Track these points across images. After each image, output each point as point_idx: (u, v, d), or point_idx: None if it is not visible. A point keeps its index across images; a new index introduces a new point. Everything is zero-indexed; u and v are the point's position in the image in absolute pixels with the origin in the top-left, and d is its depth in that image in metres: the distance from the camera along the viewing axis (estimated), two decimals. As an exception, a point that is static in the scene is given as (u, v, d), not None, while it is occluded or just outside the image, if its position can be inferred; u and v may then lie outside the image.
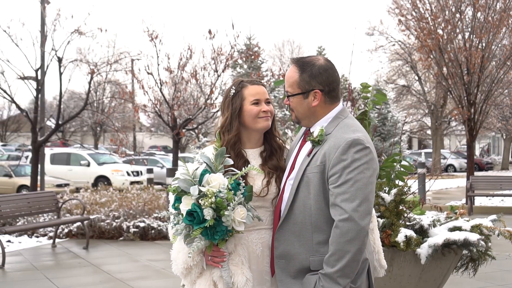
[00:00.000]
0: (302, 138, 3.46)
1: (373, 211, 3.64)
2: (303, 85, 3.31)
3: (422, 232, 5.55)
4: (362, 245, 3.05)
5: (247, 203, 3.26)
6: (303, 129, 3.53)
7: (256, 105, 3.47)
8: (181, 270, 3.38)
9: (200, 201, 3.14)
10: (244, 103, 3.50)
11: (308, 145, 3.33)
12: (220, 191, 3.15)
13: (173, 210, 3.30)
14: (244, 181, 3.33)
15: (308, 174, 3.23)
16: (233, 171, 3.31)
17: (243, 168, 3.31)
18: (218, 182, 3.19)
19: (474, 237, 5.36)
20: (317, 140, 3.26)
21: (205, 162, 3.29)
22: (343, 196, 3.06)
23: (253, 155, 3.53)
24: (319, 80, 3.30)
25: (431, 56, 21.87)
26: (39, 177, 17.07)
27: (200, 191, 3.17)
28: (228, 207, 3.14)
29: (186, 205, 3.19)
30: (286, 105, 3.47)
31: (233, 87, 3.56)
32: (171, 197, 3.37)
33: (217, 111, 19.61)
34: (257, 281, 3.38)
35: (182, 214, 3.21)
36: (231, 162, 3.32)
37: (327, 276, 3.06)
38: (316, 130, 3.29)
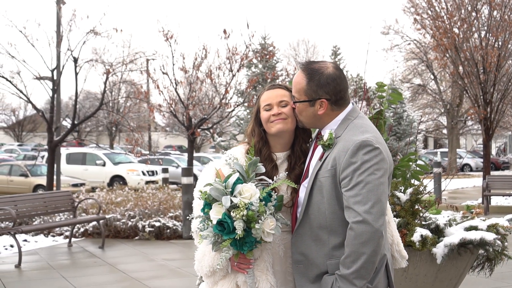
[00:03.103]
0: (315, 141, 3.45)
1: (387, 204, 3.63)
2: (310, 93, 3.29)
3: (438, 232, 5.53)
4: (377, 246, 3.04)
5: (276, 213, 3.26)
6: (317, 130, 3.51)
7: (268, 110, 3.47)
8: (205, 272, 3.40)
9: (231, 213, 3.14)
10: (260, 110, 3.53)
11: (320, 149, 3.32)
12: (252, 204, 3.14)
13: (202, 213, 3.30)
14: (274, 192, 3.34)
15: (320, 178, 3.22)
16: (265, 180, 3.31)
17: (275, 177, 3.33)
18: (250, 193, 3.19)
19: (490, 236, 5.34)
20: (327, 144, 3.24)
21: (237, 171, 3.29)
22: (355, 199, 3.06)
23: (281, 159, 3.53)
24: (326, 89, 3.27)
25: (447, 55, 21.76)
26: (55, 177, 17.16)
27: (231, 201, 3.17)
28: (259, 220, 3.15)
29: (216, 213, 3.20)
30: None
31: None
32: (198, 202, 3.38)
33: (232, 110, 19.64)
34: (280, 281, 3.40)
35: (212, 221, 3.21)
36: (263, 170, 3.32)
37: (343, 277, 3.06)
38: (325, 134, 3.28)
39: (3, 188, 25.25)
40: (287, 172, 3.43)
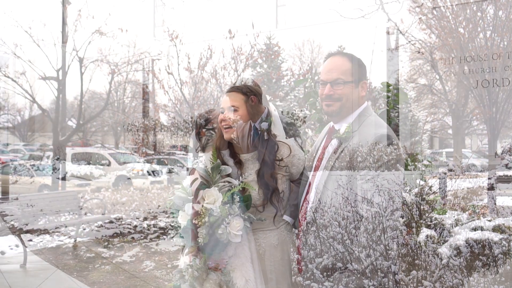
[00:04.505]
0: (326, 137, 3.43)
1: None
2: (355, 75, 3.29)
3: (444, 232, 5.51)
4: (391, 240, 3.03)
5: (244, 213, 3.24)
6: (325, 128, 3.49)
7: (222, 113, 3.47)
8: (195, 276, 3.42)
9: (194, 221, 3.14)
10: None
11: (333, 143, 3.31)
12: (213, 210, 3.13)
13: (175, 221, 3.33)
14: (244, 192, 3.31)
15: (336, 171, 3.21)
16: (229, 182, 3.30)
17: (240, 178, 3.36)
18: (213, 197, 3.18)
19: (496, 237, 5.31)
20: (344, 136, 3.23)
21: (201, 176, 3.28)
22: (371, 191, 3.05)
23: (250, 160, 3.49)
24: (363, 72, 3.31)
25: (452, 55, 21.71)
26: (60, 177, 17.16)
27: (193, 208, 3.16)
28: (222, 225, 3.13)
29: (183, 219, 3.20)
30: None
31: None
32: (181, 213, 3.39)
33: (237, 110, 19.60)
34: (260, 280, 3.37)
35: (180, 227, 3.22)
36: (229, 170, 3.31)
37: (356, 272, 3.05)
38: (342, 127, 3.27)
39: (8, 188, 25.24)
40: (257, 169, 3.42)
